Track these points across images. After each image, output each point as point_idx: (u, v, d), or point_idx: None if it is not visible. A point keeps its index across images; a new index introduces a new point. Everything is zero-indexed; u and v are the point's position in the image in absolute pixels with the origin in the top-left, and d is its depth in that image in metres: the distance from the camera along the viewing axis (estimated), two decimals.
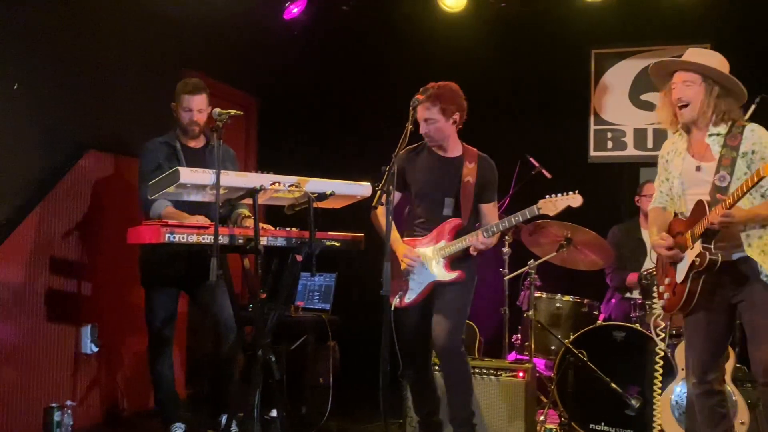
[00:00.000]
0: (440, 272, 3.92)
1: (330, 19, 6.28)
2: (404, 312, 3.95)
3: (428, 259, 3.93)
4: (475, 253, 3.89)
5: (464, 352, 4.01)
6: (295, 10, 6.05)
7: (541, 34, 6.19)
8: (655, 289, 3.55)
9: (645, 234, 5.44)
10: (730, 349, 4.15)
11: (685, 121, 3.31)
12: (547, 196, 3.81)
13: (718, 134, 3.25)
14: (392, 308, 3.75)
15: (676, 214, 3.46)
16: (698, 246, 3.16)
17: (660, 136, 6.17)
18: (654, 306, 3.61)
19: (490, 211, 4.02)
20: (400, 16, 6.19)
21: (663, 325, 3.78)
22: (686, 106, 3.27)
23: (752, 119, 4.59)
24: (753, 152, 3.17)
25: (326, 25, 6.32)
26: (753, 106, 4.62)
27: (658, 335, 3.73)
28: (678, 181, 3.32)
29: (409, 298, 3.96)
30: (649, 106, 6.24)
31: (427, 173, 3.99)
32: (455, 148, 4.02)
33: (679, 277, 3.27)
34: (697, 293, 3.22)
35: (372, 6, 6.15)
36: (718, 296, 3.27)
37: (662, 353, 4.05)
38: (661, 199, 3.50)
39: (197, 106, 4.12)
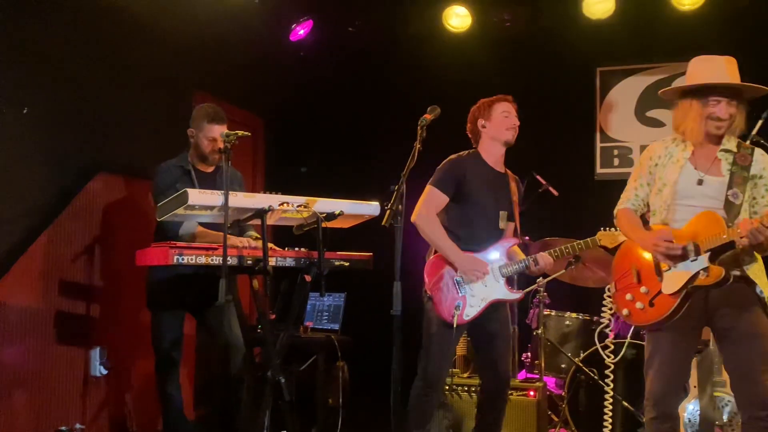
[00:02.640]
0: (502, 291, 3.82)
1: (336, 40, 6.33)
2: (455, 330, 3.72)
3: (489, 275, 3.82)
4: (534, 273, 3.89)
5: None
6: (302, 32, 6.11)
7: (546, 52, 6.22)
8: (608, 293, 3.35)
9: None
10: None
11: (715, 135, 3.22)
12: (603, 229, 4.02)
13: (729, 151, 3.23)
14: (454, 325, 3.64)
15: (644, 220, 3.40)
16: (704, 259, 3.07)
17: None
18: (603, 317, 3.48)
19: (512, 229, 4.01)
20: (406, 36, 6.23)
21: (611, 337, 3.75)
22: (724, 124, 3.20)
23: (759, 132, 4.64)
24: (761, 177, 3.19)
25: (333, 46, 6.36)
26: (760, 121, 4.64)
27: (606, 347, 3.69)
28: (671, 190, 3.22)
29: (469, 314, 3.74)
30: (655, 123, 6.25)
31: (486, 184, 3.90)
32: (502, 164, 4.03)
33: (670, 287, 3.12)
34: (683, 309, 3.10)
35: (378, 27, 6.19)
36: (694, 318, 3.15)
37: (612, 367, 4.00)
38: (635, 202, 3.37)
39: (218, 135, 4.08)
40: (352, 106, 6.59)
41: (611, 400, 3.99)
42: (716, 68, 3.26)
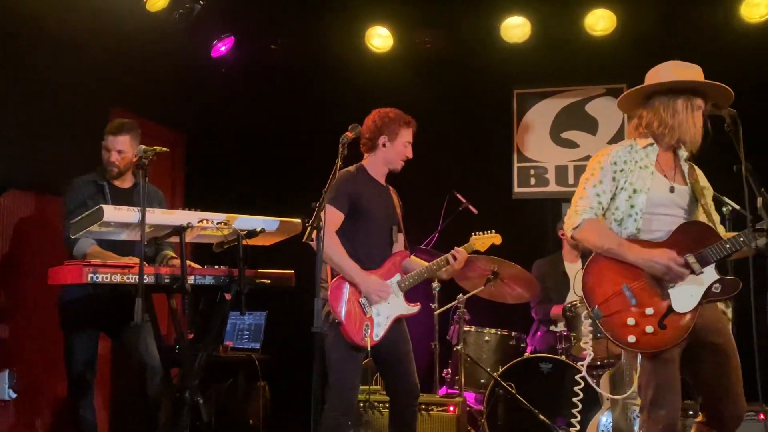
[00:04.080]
0: (403, 306, 3.83)
1: (259, 58, 6.31)
2: (360, 350, 3.68)
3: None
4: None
5: None
6: (223, 48, 6.07)
7: (465, 73, 6.37)
8: (587, 317, 3.04)
9: (569, 267, 5.61)
10: None
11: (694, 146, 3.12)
12: (475, 234, 4.13)
13: (687, 160, 3.13)
14: (369, 347, 3.60)
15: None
16: (712, 270, 2.91)
17: (580, 173, 6.37)
18: (585, 341, 3.22)
19: (402, 242, 4.03)
20: (328, 55, 6.27)
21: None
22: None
23: None
24: (708, 188, 3.16)
25: (255, 63, 6.34)
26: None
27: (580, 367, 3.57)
28: (644, 197, 3.01)
29: (378, 334, 3.71)
30: (570, 144, 6.48)
31: (376, 198, 3.88)
32: (384, 179, 4.01)
33: (684, 306, 2.87)
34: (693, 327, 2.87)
35: (301, 45, 6.21)
36: (691, 334, 2.91)
37: (582, 384, 4.05)
38: (598, 210, 3.07)
39: (117, 147, 4.06)
40: (274, 123, 6.57)
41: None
42: (699, 75, 3.13)
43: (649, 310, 2.88)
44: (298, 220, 3.79)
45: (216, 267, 3.67)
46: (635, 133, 3.16)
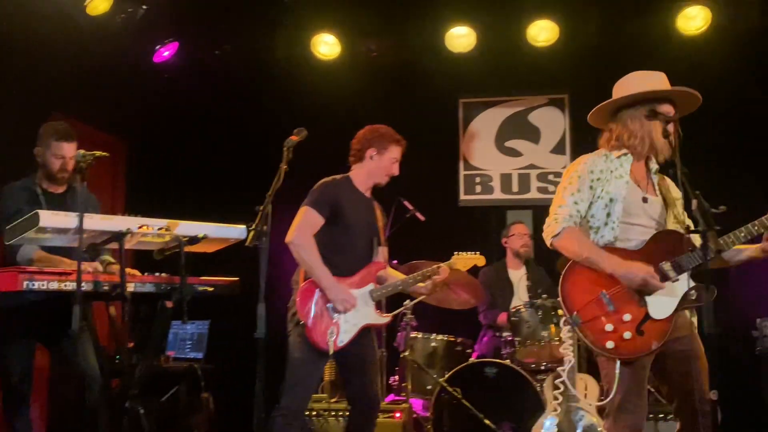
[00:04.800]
0: (373, 315, 3.83)
1: (203, 63, 6.24)
2: (322, 355, 3.69)
3: (360, 301, 3.81)
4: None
5: None
6: (166, 54, 5.98)
7: (411, 82, 6.42)
8: (565, 326, 3.06)
9: (512, 274, 5.68)
10: (593, 380, 4.36)
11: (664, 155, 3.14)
12: (457, 253, 4.18)
13: (657, 171, 3.19)
14: (330, 351, 3.60)
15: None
16: (686, 278, 2.94)
17: (524, 181, 6.50)
18: (565, 346, 3.21)
19: (383, 254, 4.05)
20: (274, 61, 6.24)
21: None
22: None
23: None
24: (678, 198, 3.17)
25: (200, 69, 6.27)
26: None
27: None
28: (620, 206, 3.04)
29: (343, 340, 3.70)
30: (513, 153, 6.58)
31: (359, 210, 3.91)
32: (370, 192, 4.06)
33: (660, 312, 2.91)
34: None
35: (246, 51, 6.17)
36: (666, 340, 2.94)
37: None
38: (576, 219, 3.08)
39: (70, 153, 3.94)
40: (219, 128, 6.51)
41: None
42: (663, 82, 3.16)
43: (627, 317, 2.92)
44: (242, 226, 3.74)
45: (157, 274, 3.60)
46: (607, 146, 3.19)
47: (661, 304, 2.91)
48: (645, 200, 3.09)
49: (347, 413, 4.00)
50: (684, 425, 3.02)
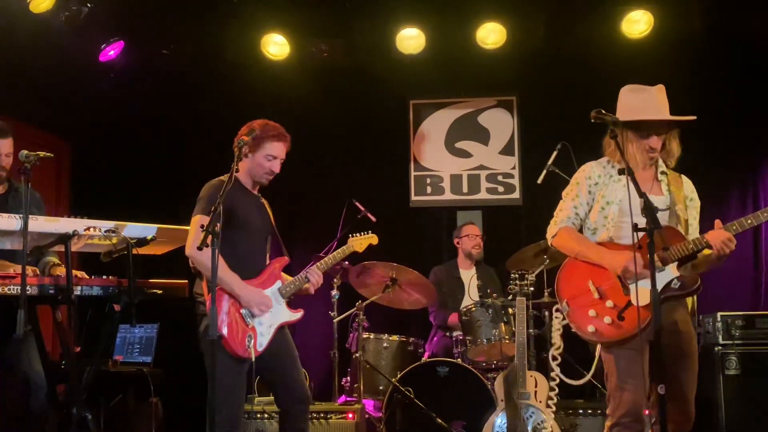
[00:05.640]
0: (287, 313, 3.76)
1: (150, 63, 6.14)
2: (244, 362, 3.57)
3: (272, 300, 3.73)
4: (313, 291, 3.86)
5: None
6: (112, 53, 5.86)
7: (362, 83, 6.42)
8: (557, 314, 3.28)
9: (463, 274, 5.74)
10: (543, 377, 4.43)
11: (649, 162, 3.31)
12: (352, 236, 4.16)
13: (664, 173, 3.34)
14: (252, 358, 3.50)
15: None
16: (671, 269, 3.09)
17: (474, 182, 6.57)
18: (554, 336, 3.39)
19: (279, 249, 3.98)
20: (223, 61, 6.18)
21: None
22: (656, 153, 3.30)
23: (554, 163, 5.06)
24: (691, 199, 3.35)
25: (146, 69, 6.16)
26: (555, 152, 5.08)
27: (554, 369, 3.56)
28: (616, 207, 3.23)
29: (262, 344, 3.61)
30: (463, 154, 6.64)
31: (250, 208, 3.79)
32: (257, 188, 3.91)
33: (643, 300, 3.02)
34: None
35: (194, 51, 6.09)
36: (647, 333, 3.03)
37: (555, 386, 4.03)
38: (575, 221, 3.35)
39: (5, 150, 3.84)
40: (167, 129, 6.42)
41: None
42: (650, 100, 3.31)
43: (610, 303, 3.13)
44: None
45: (104, 277, 3.53)
46: (609, 154, 3.34)
47: (644, 293, 3.01)
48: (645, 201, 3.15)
49: (279, 414, 3.88)
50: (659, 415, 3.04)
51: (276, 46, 6.15)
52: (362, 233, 4.20)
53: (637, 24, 5.82)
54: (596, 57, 5.89)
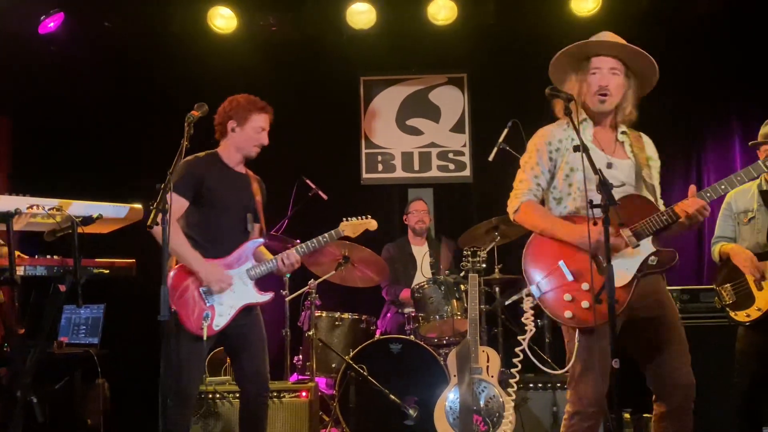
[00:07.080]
0: (252, 294, 3.70)
1: (92, 35, 5.94)
2: (202, 341, 3.55)
3: (236, 280, 3.69)
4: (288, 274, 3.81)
5: None
6: (51, 24, 5.66)
7: (312, 58, 6.34)
8: (527, 298, 3.03)
9: (416, 250, 5.75)
10: (494, 352, 4.48)
11: (600, 111, 3.05)
12: (346, 219, 4.05)
13: (625, 133, 3.11)
14: (204, 337, 3.47)
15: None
16: (648, 243, 2.91)
17: (425, 160, 6.57)
18: (526, 317, 3.12)
19: (258, 230, 3.97)
20: (168, 34, 6.03)
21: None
22: (607, 95, 3.02)
23: (505, 140, 5.05)
24: (654, 159, 3.12)
25: (88, 42, 5.96)
26: (506, 130, 5.09)
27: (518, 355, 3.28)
28: (581, 175, 2.88)
29: (219, 324, 3.58)
30: (414, 131, 6.63)
31: (228, 186, 3.75)
32: (243, 166, 3.90)
33: (619, 280, 2.82)
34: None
35: (137, 23, 5.92)
36: (630, 308, 2.91)
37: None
38: (537, 192, 3.08)
39: None
40: (113, 104, 6.23)
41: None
42: (598, 37, 3.12)
43: (585, 286, 2.89)
44: (140, 206, 3.60)
45: (48, 257, 3.42)
46: (561, 113, 3.02)
47: (620, 271, 2.84)
48: (609, 165, 3.00)
49: (240, 395, 3.86)
50: (660, 393, 2.98)
51: (223, 19, 6.02)
52: (360, 217, 4.06)
53: (585, 2, 5.87)
54: (546, 35, 5.89)
